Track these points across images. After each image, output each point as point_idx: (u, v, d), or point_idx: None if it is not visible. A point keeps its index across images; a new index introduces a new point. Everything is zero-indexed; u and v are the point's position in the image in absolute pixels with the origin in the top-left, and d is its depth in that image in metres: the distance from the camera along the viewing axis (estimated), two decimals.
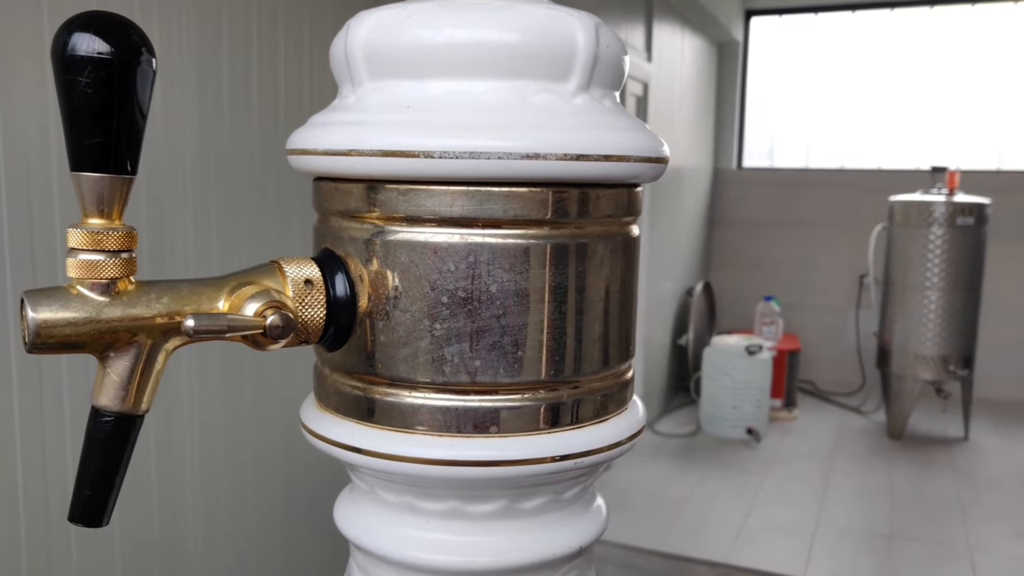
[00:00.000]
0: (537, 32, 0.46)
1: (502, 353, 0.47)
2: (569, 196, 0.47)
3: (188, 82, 1.56)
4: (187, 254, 1.59)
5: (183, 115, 1.56)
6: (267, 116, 1.76)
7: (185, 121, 1.57)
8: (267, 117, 1.76)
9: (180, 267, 1.57)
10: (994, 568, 3.24)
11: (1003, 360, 5.51)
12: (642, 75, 4.34)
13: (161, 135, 1.51)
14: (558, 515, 0.51)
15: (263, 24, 1.73)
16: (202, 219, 1.62)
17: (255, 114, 1.73)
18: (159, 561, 1.59)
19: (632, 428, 0.53)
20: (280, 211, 1.80)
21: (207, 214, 1.63)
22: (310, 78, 1.86)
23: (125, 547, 1.50)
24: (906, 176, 5.54)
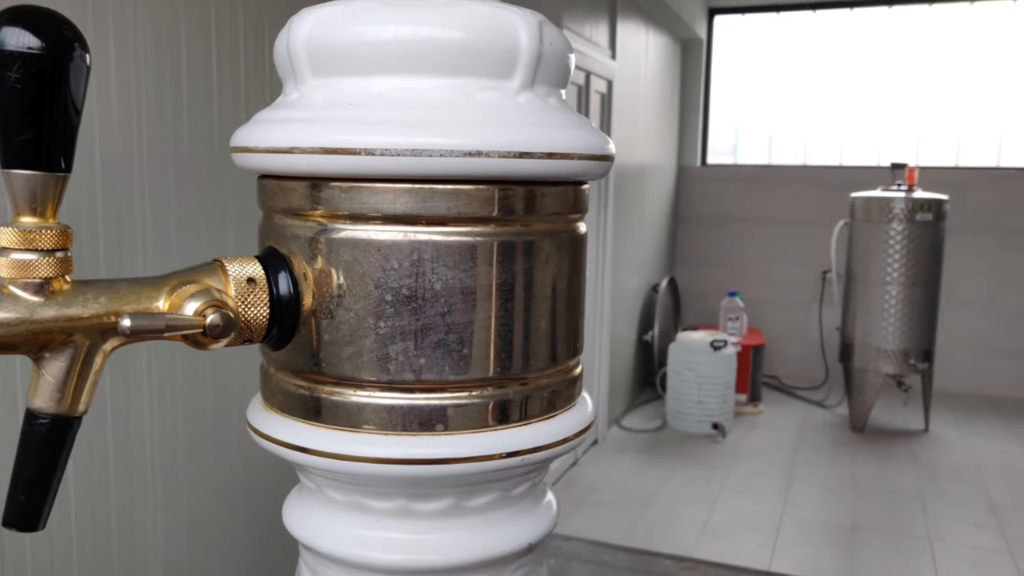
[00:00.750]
0: (481, 30, 0.46)
1: (447, 351, 0.47)
2: (515, 194, 0.47)
3: (146, 78, 1.54)
4: (146, 252, 1.57)
5: (140, 112, 1.54)
6: (228, 112, 1.73)
7: (143, 118, 1.54)
8: (228, 113, 1.74)
9: (139, 266, 1.54)
10: (953, 557, 3.31)
11: (961, 353, 5.63)
12: (607, 73, 4.36)
13: (119, 131, 1.49)
14: (507, 512, 0.51)
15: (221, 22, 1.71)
16: (160, 218, 1.60)
17: (214, 111, 1.71)
18: (118, 560, 1.56)
19: (580, 424, 0.53)
20: (241, 209, 1.78)
21: (166, 212, 1.61)
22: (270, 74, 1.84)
23: (83, 546, 1.48)
24: (867, 172, 5.63)
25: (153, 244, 1.59)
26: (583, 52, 3.96)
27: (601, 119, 4.39)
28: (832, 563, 3.27)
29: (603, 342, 4.55)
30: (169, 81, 1.60)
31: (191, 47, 1.64)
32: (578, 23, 3.95)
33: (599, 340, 4.52)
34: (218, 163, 1.71)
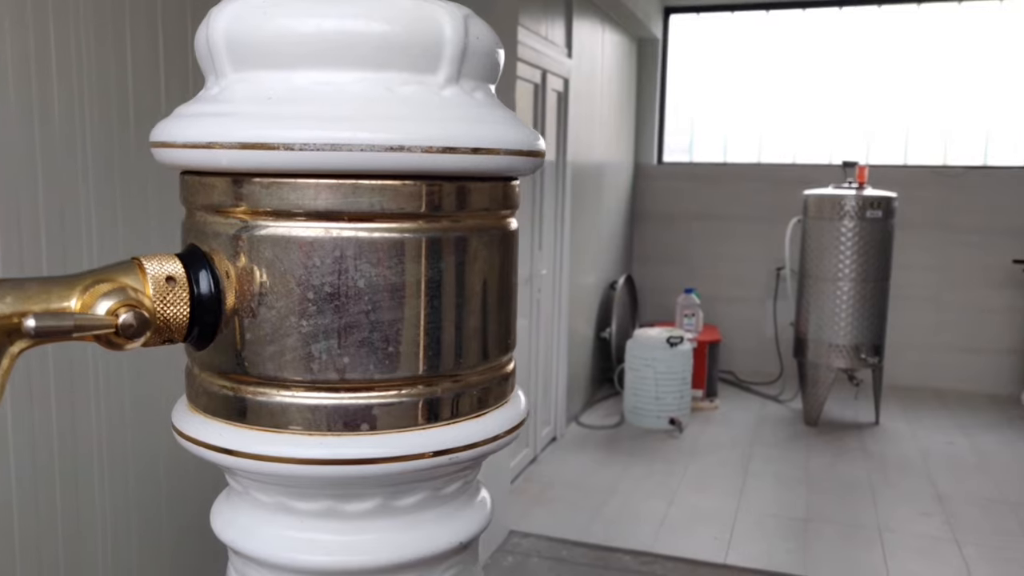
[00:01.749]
0: (404, 23, 0.45)
1: (372, 349, 0.46)
2: (443, 189, 0.47)
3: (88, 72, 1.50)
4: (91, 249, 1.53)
5: (82, 107, 1.50)
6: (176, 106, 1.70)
7: (86, 113, 1.50)
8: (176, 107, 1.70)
9: (84, 266, 1.51)
10: (901, 546, 3.39)
11: (910, 348, 5.77)
12: (563, 71, 4.37)
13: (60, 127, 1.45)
14: (437, 511, 0.51)
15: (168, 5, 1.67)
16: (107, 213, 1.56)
17: (162, 104, 1.68)
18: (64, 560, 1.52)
19: (512, 421, 0.53)
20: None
21: (112, 208, 1.57)
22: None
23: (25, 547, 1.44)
24: (819, 170, 5.73)
25: (99, 244, 1.55)
26: (539, 50, 3.97)
27: (558, 117, 4.40)
28: (786, 555, 3.32)
29: (561, 340, 4.56)
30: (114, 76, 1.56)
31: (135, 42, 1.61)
32: (534, 21, 3.95)
33: (557, 338, 4.54)
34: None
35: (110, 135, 1.58)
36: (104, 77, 1.56)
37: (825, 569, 3.21)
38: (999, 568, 3.20)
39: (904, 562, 3.25)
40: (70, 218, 1.50)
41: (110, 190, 1.59)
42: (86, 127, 1.53)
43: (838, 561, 3.26)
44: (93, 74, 1.53)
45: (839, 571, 3.18)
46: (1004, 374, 5.65)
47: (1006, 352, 5.63)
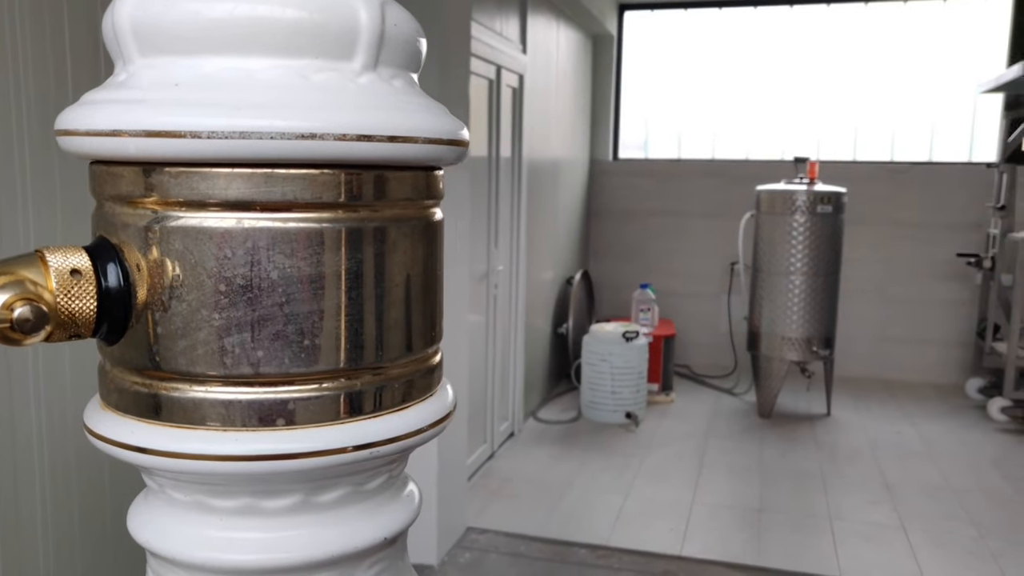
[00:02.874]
0: (318, 8, 0.44)
1: (287, 343, 0.45)
2: (362, 178, 0.46)
3: (24, 62, 1.45)
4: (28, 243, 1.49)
5: (20, 95, 1.45)
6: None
7: (23, 101, 1.46)
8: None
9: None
10: (851, 534, 3.46)
11: (860, 340, 5.89)
12: (518, 67, 4.37)
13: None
14: (361, 506, 0.50)
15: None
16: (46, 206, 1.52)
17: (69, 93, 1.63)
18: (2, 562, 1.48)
19: (437, 414, 0.52)
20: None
21: (51, 199, 1.53)
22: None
23: None
24: (772, 166, 5.82)
25: (36, 234, 1.51)
26: (494, 46, 3.96)
27: (513, 113, 4.40)
28: (740, 545, 3.37)
29: (518, 335, 4.57)
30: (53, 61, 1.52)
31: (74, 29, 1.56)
32: (488, 17, 3.94)
33: (514, 333, 4.54)
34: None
35: (45, 123, 1.54)
36: (41, 65, 1.51)
37: (778, 558, 3.26)
38: (944, 552, 3.29)
39: (853, 549, 3.32)
40: (6, 211, 1.46)
41: (48, 182, 1.54)
42: (23, 116, 1.48)
43: (790, 550, 3.32)
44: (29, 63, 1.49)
45: (791, 560, 3.23)
46: (950, 365, 5.80)
47: (951, 343, 5.78)
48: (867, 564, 3.20)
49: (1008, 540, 3.39)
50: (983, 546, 3.34)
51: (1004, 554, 3.27)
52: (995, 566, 3.18)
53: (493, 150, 4.09)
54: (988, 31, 5.66)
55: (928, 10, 5.76)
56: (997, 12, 5.63)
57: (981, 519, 3.59)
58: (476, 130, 3.77)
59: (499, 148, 4.15)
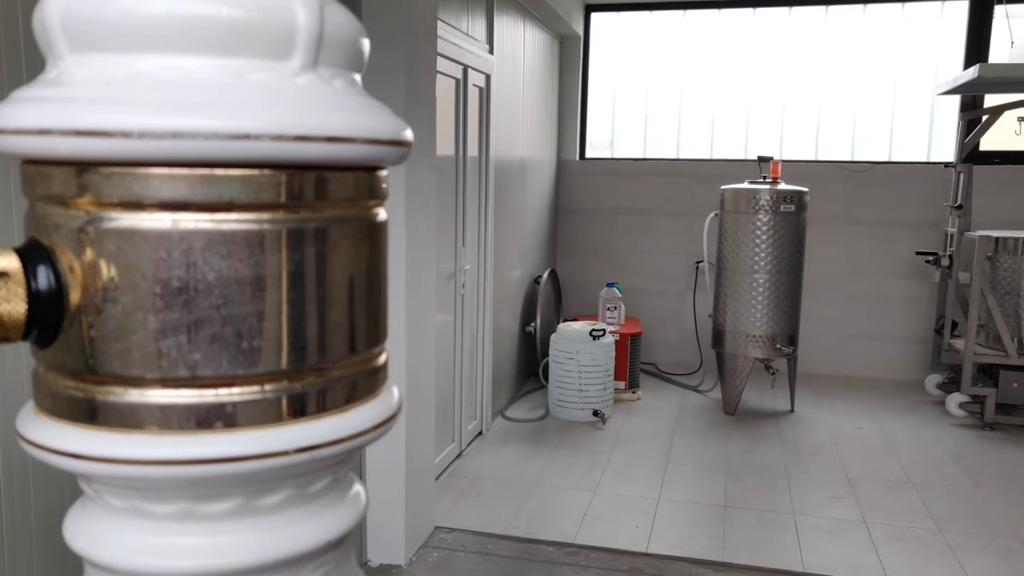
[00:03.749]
0: (254, 8, 0.44)
1: (225, 345, 0.45)
2: (303, 179, 0.46)
3: None
4: None
5: None
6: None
7: None
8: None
9: None
10: (813, 529, 3.50)
11: (822, 337, 5.98)
12: (485, 67, 4.36)
13: None
14: (304, 509, 0.49)
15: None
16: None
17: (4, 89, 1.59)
18: None
19: (382, 415, 0.52)
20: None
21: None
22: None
23: None
24: (736, 166, 5.88)
25: None
26: (461, 46, 3.95)
27: (480, 113, 4.39)
28: (706, 541, 3.40)
29: (486, 334, 4.56)
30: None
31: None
32: (455, 17, 3.93)
33: (482, 332, 4.54)
34: None
35: None
36: None
37: (742, 553, 3.29)
38: (904, 545, 3.34)
39: (816, 544, 3.36)
40: None
41: None
42: None
43: (755, 545, 3.35)
44: None
45: (755, 555, 3.27)
46: (910, 361, 5.90)
47: (911, 340, 5.89)
48: (829, 558, 3.25)
49: (965, 533, 3.46)
50: (941, 539, 3.40)
51: (961, 547, 3.34)
52: (953, 559, 3.24)
53: (460, 149, 4.08)
54: (945, 34, 5.78)
55: (887, 14, 5.86)
56: (953, 16, 5.74)
57: (939, 512, 3.66)
58: (443, 129, 3.76)
59: (466, 147, 4.14)
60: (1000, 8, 5.34)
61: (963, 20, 5.72)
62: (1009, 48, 4.88)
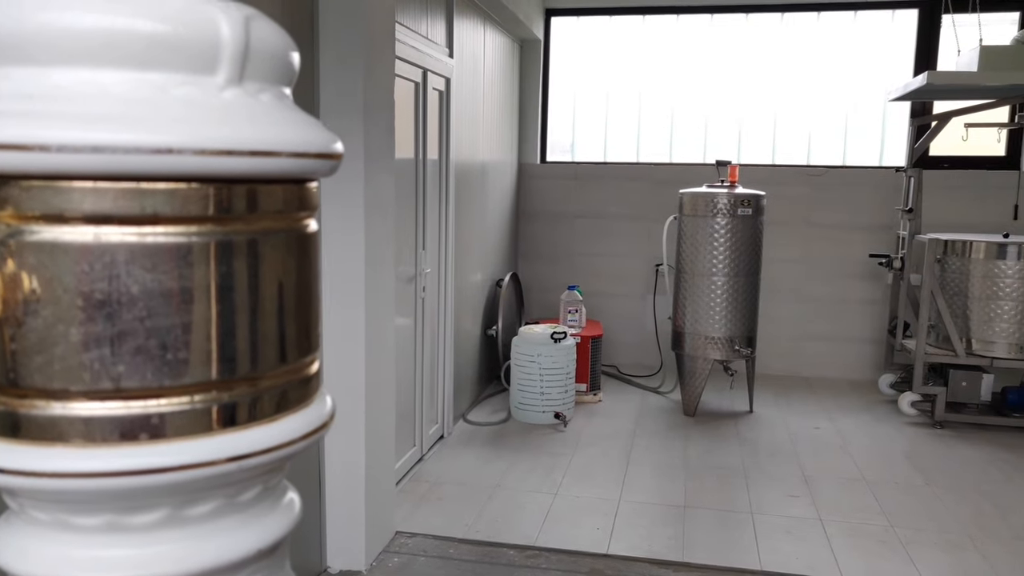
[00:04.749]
0: (177, 22, 0.44)
1: (150, 356, 0.45)
2: (232, 192, 0.46)
3: None
4: None
5: None
6: None
7: None
8: None
9: None
10: (771, 527, 3.56)
11: (780, 338, 6.07)
12: (445, 70, 4.36)
13: None
14: (234, 519, 0.50)
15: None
16: None
17: None
18: None
19: (314, 423, 0.53)
20: None
21: None
22: None
23: None
24: (694, 169, 5.95)
25: None
26: (420, 49, 3.95)
27: (440, 116, 4.40)
28: (665, 541, 3.43)
29: (447, 338, 4.56)
30: None
31: None
32: (414, 20, 3.93)
33: (443, 336, 4.53)
34: None
35: None
36: None
37: (702, 553, 3.33)
38: (858, 541, 3.41)
39: (773, 542, 3.41)
40: None
41: None
42: None
43: (713, 545, 3.40)
44: None
45: (714, 554, 3.31)
46: (864, 361, 6.02)
47: (865, 341, 6.01)
48: (786, 556, 3.30)
49: (916, 529, 3.55)
50: (893, 535, 3.48)
51: (912, 542, 3.42)
52: (904, 554, 3.32)
53: (420, 153, 4.08)
54: (895, 42, 5.91)
55: (840, 21, 5.98)
56: (903, 24, 5.88)
57: (892, 509, 3.74)
58: (402, 133, 3.75)
59: (426, 151, 4.14)
60: (947, 17, 5.48)
61: (913, 28, 5.86)
62: (956, 56, 5.01)
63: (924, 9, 5.79)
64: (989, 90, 4.82)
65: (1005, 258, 4.79)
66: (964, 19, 5.31)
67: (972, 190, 5.73)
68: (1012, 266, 4.77)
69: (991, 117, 5.20)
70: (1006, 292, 4.79)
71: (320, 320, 0.56)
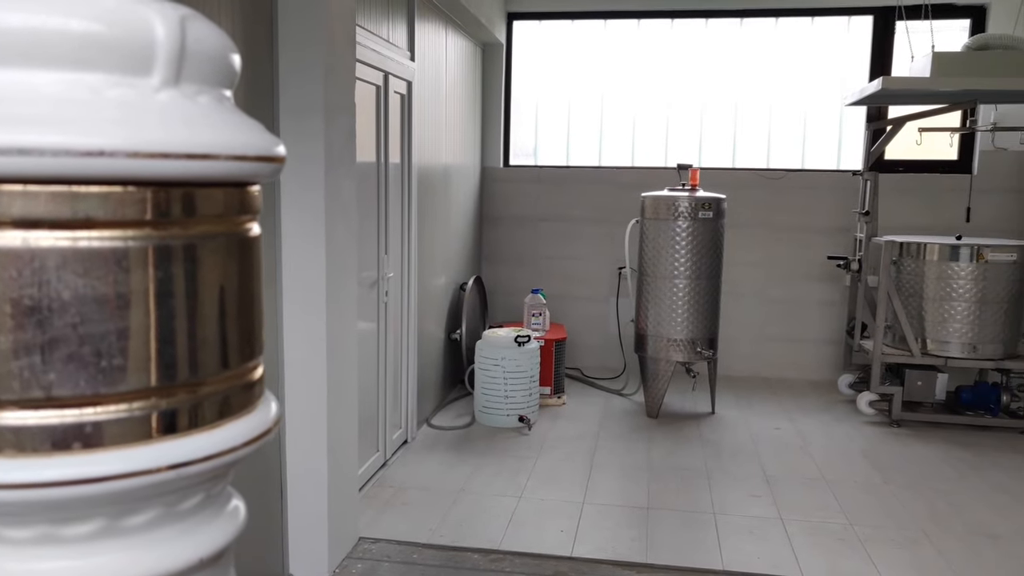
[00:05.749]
0: (109, 22, 0.43)
1: (83, 364, 0.44)
2: (170, 195, 0.45)
3: None
4: None
5: None
6: None
7: None
8: None
9: None
10: (733, 527, 3.59)
11: (741, 340, 6.15)
12: (406, 74, 4.35)
13: None
14: (175, 528, 0.49)
15: None
16: None
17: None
18: None
19: (257, 428, 0.52)
20: None
21: None
22: None
23: None
24: (656, 173, 6.01)
25: None
26: (381, 52, 3.93)
27: (402, 120, 4.38)
28: (628, 543, 3.45)
29: (411, 342, 4.54)
30: None
31: None
32: (374, 23, 3.91)
33: (407, 340, 4.51)
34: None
35: None
36: None
37: (665, 554, 3.35)
38: (818, 540, 3.46)
39: (735, 542, 3.45)
40: None
41: None
42: None
43: (676, 545, 3.42)
44: None
45: (677, 555, 3.33)
46: (824, 362, 6.12)
47: (825, 342, 6.11)
48: (748, 556, 3.34)
49: (874, 526, 3.61)
50: (852, 533, 3.54)
51: (871, 539, 3.47)
52: (863, 551, 3.37)
53: (382, 156, 4.06)
54: (852, 48, 6.03)
55: (797, 27, 6.08)
56: (859, 30, 6.00)
57: (850, 507, 3.80)
58: (364, 137, 3.73)
59: (388, 154, 4.12)
60: (901, 24, 5.60)
61: (868, 35, 5.98)
62: (910, 62, 5.12)
63: (879, 16, 5.91)
64: (941, 95, 4.94)
65: (958, 260, 4.90)
66: (917, 26, 5.43)
67: (926, 193, 5.86)
68: (965, 268, 4.88)
69: (943, 122, 5.33)
70: (959, 293, 4.90)
71: (263, 325, 0.55)
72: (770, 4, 5.98)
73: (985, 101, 5.10)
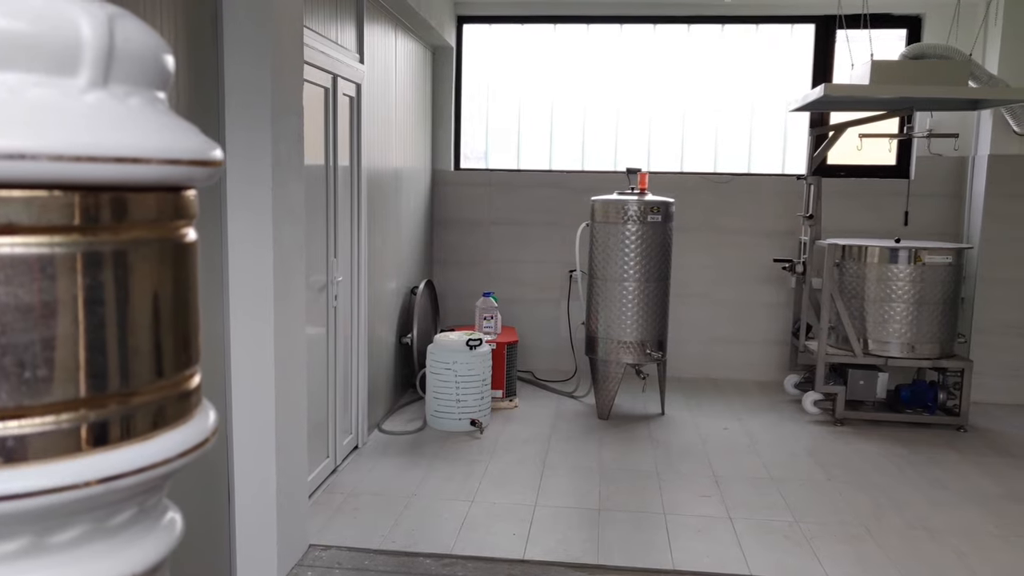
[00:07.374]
0: (30, 20, 0.42)
1: (4, 375, 0.42)
2: (99, 200, 0.44)
3: None
4: None
5: None
6: None
7: None
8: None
9: None
10: (683, 527, 3.64)
11: (689, 342, 6.23)
12: (355, 76, 4.31)
13: None
14: (104, 544, 0.47)
15: None
16: None
17: None
18: None
19: (194, 439, 0.51)
20: None
21: None
22: None
23: None
24: (606, 177, 6.06)
25: None
26: (329, 54, 3.89)
27: (351, 123, 4.34)
28: (580, 544, 3.47)
29: (361, 347, 4.50)
30: None
31: None
32: (323, 25, 3.87)
33: (357, 345, 4.47)
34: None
35: None
36: None
37: (616, 555, 3.37)
38: (765, 538, 3.52)
39: (685, 542, 3.49)
40: None
41: None
42: None
43: (627, 546, 3.45)
44: None
45: (628, 556, 3.36)
46: (771, 362, 6.24)
47: (771, 342, 6.23)
48: (697, 554, 3.38)
49: (819, 523, 3.69)
50: (798, 530, 3.61)
51: (816, 536, 3.55)
52: (808, 547, 3.44)
53: (330, 159, 4.02)
54: (795, 55, 6.17)
55: (743, 34, 6.20)
56: (801, 38, 6.14)
57: (796, 505, 3.88)
58: (311, 139, 3.68)
59: (336, 157, 4.07)
60: (842, 33, 5.75)
61: (810, 42, 6.12)
62: (851, 70, 5.26)
63: (820, 24, 6.06)
64: (880, 102, 5.08)
65: (897, 262, 5.04)
66: (857, 35, 5.57)
67: (867, 197, 6.02)
68: (903, 270, 5.02)
69: (882, 128, 5.48)
70: (898, 295, 5.04)
71: (200, 332, 0.54)
72: (717, 11, 6.09)
73: (921, 108, 5.26)
